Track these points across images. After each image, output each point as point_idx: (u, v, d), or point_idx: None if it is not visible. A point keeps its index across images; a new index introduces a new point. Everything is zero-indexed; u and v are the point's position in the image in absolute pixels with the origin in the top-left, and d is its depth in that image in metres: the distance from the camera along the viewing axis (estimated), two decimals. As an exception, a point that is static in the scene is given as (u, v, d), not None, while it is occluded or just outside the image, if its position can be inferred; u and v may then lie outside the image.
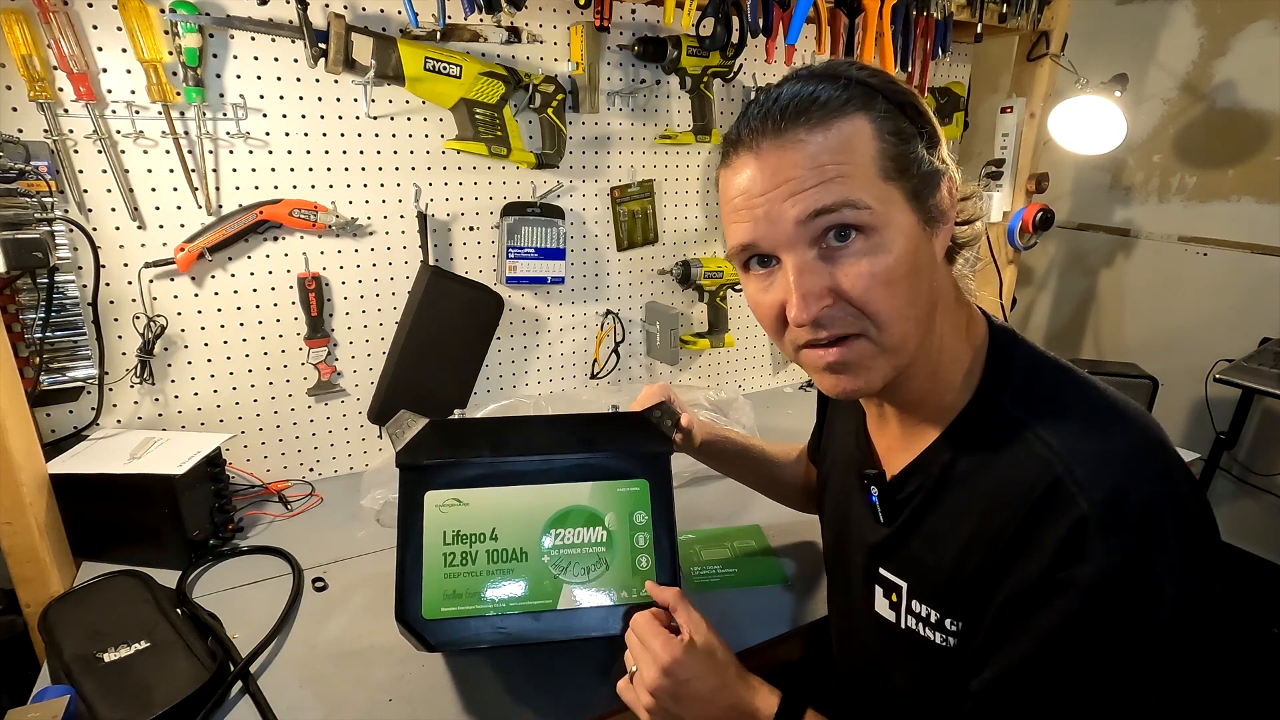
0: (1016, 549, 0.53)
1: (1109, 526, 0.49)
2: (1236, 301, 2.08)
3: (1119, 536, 0.49)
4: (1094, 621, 0.50)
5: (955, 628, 0.60)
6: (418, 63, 1.12)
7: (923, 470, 0.63)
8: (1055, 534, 0.51)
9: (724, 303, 1.58)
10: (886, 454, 0.70)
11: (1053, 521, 0.51)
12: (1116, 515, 0.49)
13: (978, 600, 0.57)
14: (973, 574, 0.57)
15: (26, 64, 0.94)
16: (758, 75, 1.53)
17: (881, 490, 0.67)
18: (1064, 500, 0.51)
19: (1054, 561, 0.51)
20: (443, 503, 0.75)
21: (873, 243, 0.54)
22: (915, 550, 0.64)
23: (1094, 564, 0.49)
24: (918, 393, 0.63)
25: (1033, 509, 0.53)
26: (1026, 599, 0.53)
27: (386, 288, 1.27)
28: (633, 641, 0.68)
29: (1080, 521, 0.50)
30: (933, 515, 0.62)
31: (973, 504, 0.58)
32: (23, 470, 0.89)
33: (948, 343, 0.61)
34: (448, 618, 0.73)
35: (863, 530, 0.71)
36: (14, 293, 0.98)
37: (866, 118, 0.54)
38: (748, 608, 0.95)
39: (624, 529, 0.78)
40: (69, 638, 0.80)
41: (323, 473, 1.30)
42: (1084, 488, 0.51)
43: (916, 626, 0.64)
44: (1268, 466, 2.06)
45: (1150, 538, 0.49)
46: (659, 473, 0.80)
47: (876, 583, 0.68)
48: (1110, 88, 1.64)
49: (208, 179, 1.09)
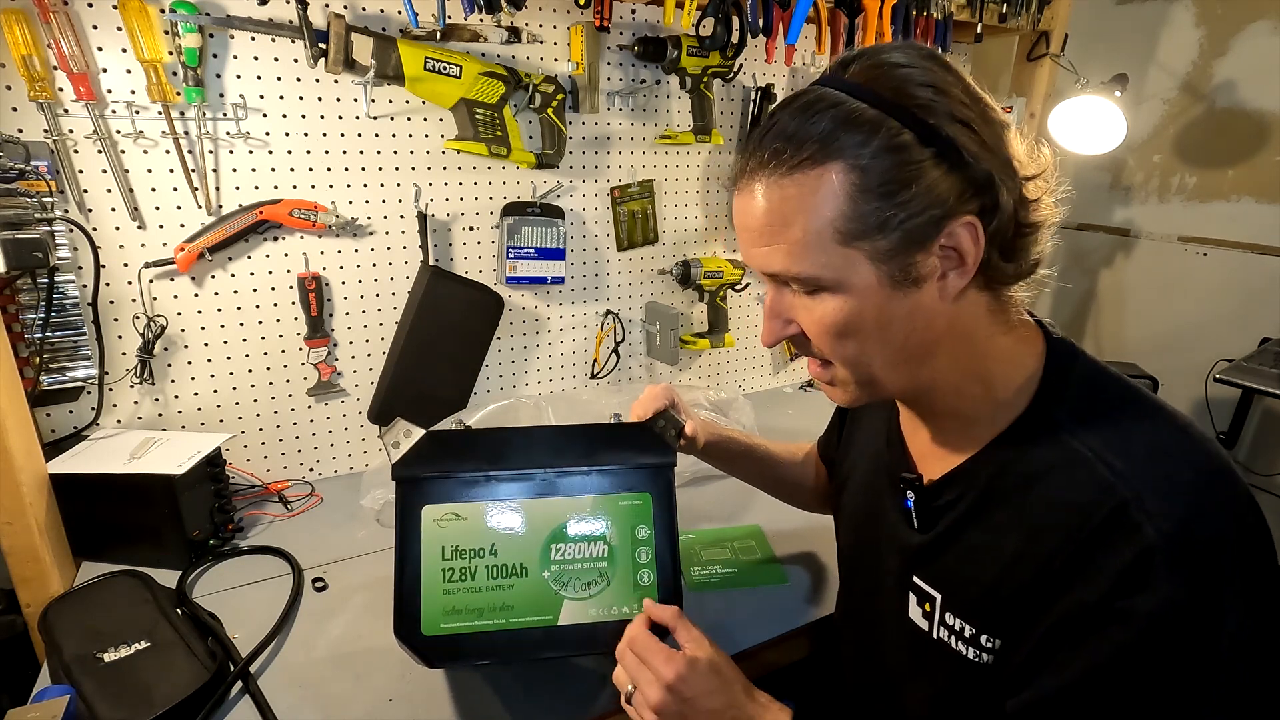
0: (1071, 572, 0.51)
1: (1175, 559, 0.47)
2: (1236, 301, 2.08)
3: (1184, 570, 0.47)
4: (1150, 654, 0.48)
5: (992, 645, 0.58)
6: (418, 63, 1.12)
7: (965, 480, 0.61)
8: (1118, 561, 0.49)
9: (724, 303, 1.58)
10: (922, 459, 0.67)
11: (1116, 548, 0.49)
12: (1184, 548, 0.48)
13: (1020, 619, 0.55)
14: (1017, 592, 0.55)
15: (26, 64, 0.94)
16: (758, 75, 1.53)
17: (918, 495, 0.64)
18: (1129, 527, 0.49)
19: (1114, 589, 0.49)
20: (440, 517, 0.74)
21: (823, 296, 0.55)
22: (952, 561, 0.62)
23: (1156, 596, 0.47)
24: (947, 407, 0.62)
25: (1094, 533, 0.50)
26: (1079, 624, 0.51)
27: (386, 288, 1.27)
28: (628, 659, 0.66)
29: (1147, 551, 0.48)
30: (975, 527, 0.60)
31: (1021, 520, 0.56)
32: (23, 470, 0.89)
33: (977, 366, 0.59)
34: (447, 634, 0.71)
35: (895, 535, 0.68)
36: (14, 293, 0.98)
37: (840, 167, 0.51)
38: (748, 608, 0.95)
39: (625, 543, 0.76)
40: (69, 638, 0.80)
41: (323, 473, 1.30)
42: (1151, 516, 0.48)
43: (948, 639, 0.62)
44: (1268, 466, 2.05)
45: (1215, 572, 0.48)
46: (662, 486, 0.79)
47: (910, 589, 0.66)
48: (1110, 88, 1.64)
49: (208, 179, 1.09)
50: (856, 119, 0.51)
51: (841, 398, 0.62)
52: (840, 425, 0.91)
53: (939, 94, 0.51)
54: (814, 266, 0.53)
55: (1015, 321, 0.60)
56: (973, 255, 0.53)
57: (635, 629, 0.69)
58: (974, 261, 0.53)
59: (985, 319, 0.58)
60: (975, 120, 0.52)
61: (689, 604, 0.83)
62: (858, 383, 0.59)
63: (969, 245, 0.52)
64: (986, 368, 0.59)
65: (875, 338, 0.55)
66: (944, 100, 0.51)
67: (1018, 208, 0.54)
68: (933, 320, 0.56)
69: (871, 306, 0.54)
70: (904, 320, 0.55)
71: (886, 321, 0.55)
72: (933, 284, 0.54)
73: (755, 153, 0.54)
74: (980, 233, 0.52)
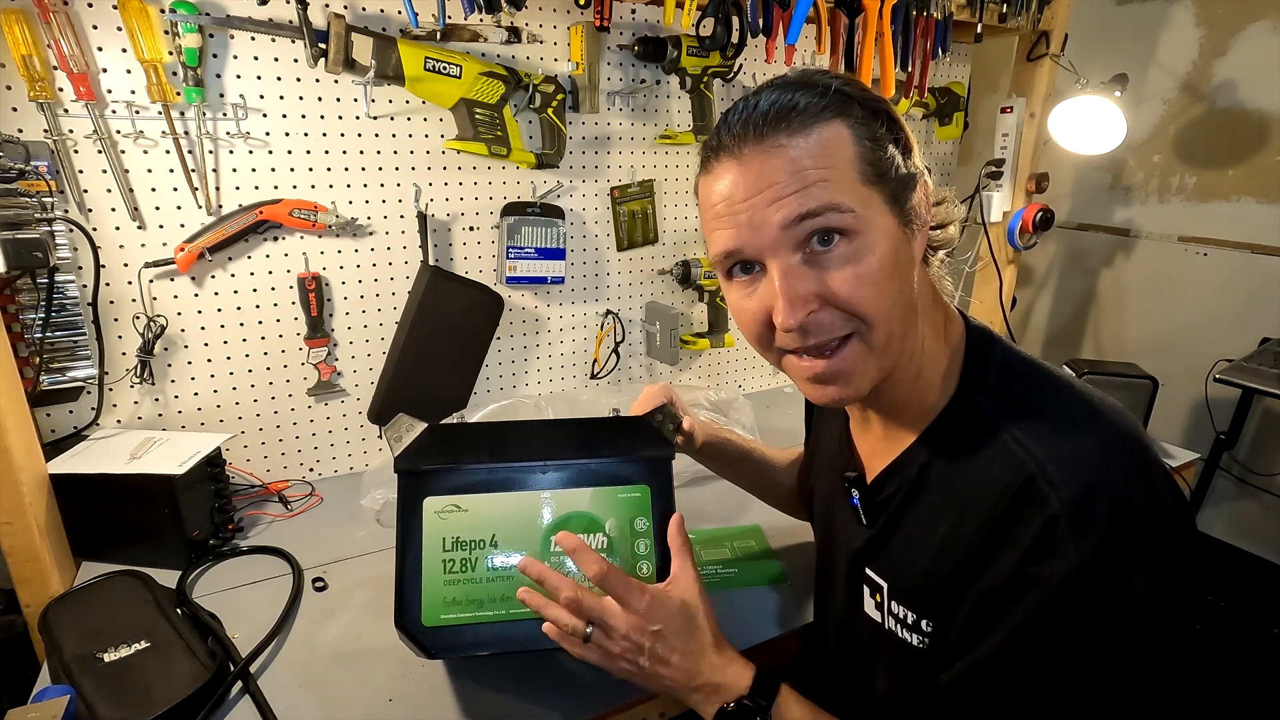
0: (990, 548, 0.54)
1: (1079, 525, 0.50)
2: (1236, 301, 2.08)
3: (1089, 535, 0.50)
4: (1061, 616, 0.51)
5: (929, 628, 0.61)
6: (418, 63, 1.12)
7: (901, 472, 0.64)
8: (1028, 532, 0.52)
9: (724, 303, 1.58)
10: (869, 457, 0.70)
11: (1025, 520, 0.52)
12: (1086, 513, 0.50)
13: (950, 601, 0.58)
14: (948, 575, 0.58)
15: (26, 64, 0.94)
16: (757, 75, 1.53)
17: (862, 492, 0.68)
18: (1036, 499, 0.52)
19: (1025, 558, 0.52)
20: (442, 509, 0.75)
21: (855, 245, 0.55)
22: (894, 551, 0.65)
23: (1064, 561, 0.50)
24: (901, 396, 0.63)
25: (1006, 508, 0.53)
26: (998, 595, 0.53)
27: (386, 288, 1.27)
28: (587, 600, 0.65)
29: (1052, 520, 0.51)
30: (910, 516, 0.63)
31: (948, 505, 0.59)
32: (23, 470, 0.89)
33: (928, 344, 0.62)
34: (448, 625, 0.72)
35: (847, 532, 0.72)
36: (14, 293, 0.98)
37: (844, 123, 0.55)
38: (748, 608, 0.95)
39: (625, 535, 0.77)
40: (69, 638, 0.80)
41: (323, 473, 1.30)
42: (1055, 486, 0.51)
43: (895, 628, 0.65)
44: (1268, 466, 2.06)
45: (1120, 536, 0.50)
46: (660, 478, 0.80)
47: (864, 583, 0.69)
48: (1110, 88, 1.63)
49: (208, 179, 1.09)
50: (839, 91, 0.56)
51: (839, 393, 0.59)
52: (809, 433, 0.93)
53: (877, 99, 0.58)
54: (852, 200, 0.54)
55: (941, 298, 0.64)
56: (927, 212, 0.59)
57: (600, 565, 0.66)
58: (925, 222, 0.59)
59: (929, 286, 0.63)
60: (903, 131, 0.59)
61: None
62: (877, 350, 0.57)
63: (925, 201, 0.59)
64: (925, 347, 0.62)
65: (898, 284, 0.56)
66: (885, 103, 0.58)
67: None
68: (915, 280, 0.59)
69: (895, 249, 0.56)
70: (909, 270, 0.58)
71: (904, 265, 0.57)
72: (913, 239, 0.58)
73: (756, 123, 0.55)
74: (929, 191, 0.59)
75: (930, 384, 0.62)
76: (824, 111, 0.55)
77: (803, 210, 0.54)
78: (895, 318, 0.57)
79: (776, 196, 0.54)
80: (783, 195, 0.54)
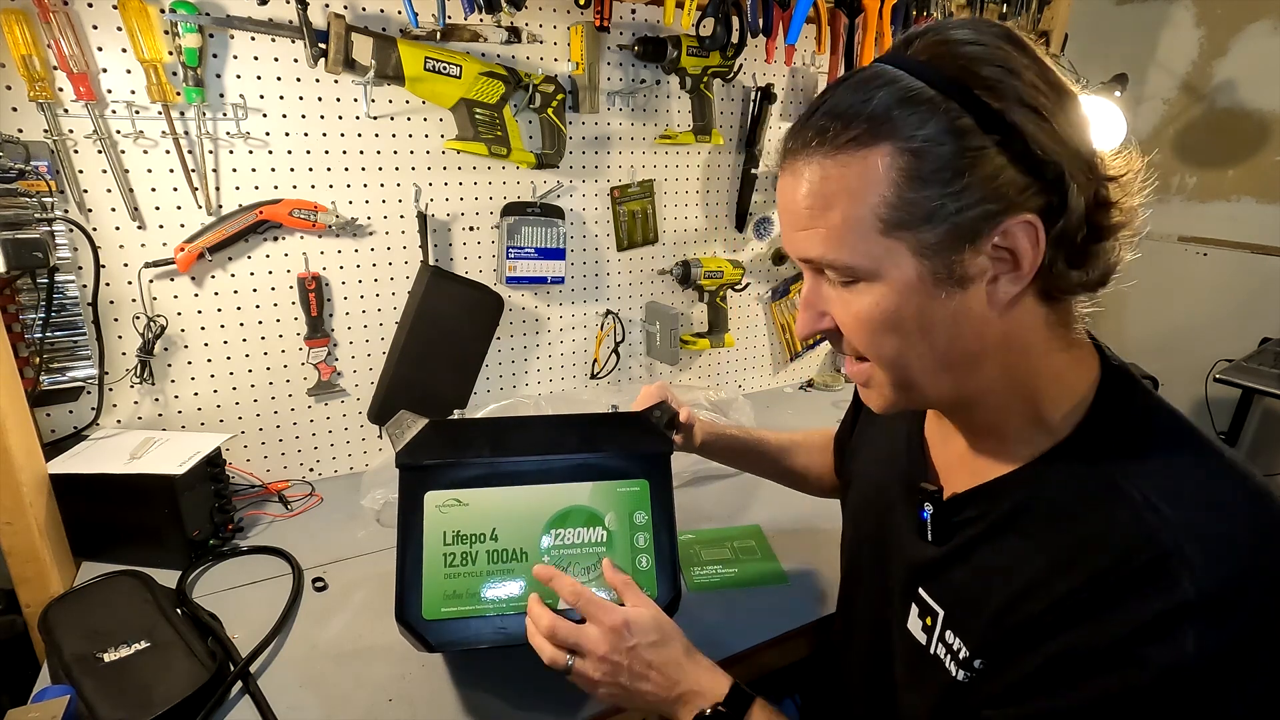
0: (1090, 611, 0.48)
1: (1211, 621, 0.44)
2: (1236, 301, 2.08)
3: (1217, 634, 0.44)
4: (1149, 706, 0.45)
5: (979, 666, 0.56)
6: (418, 63, 1.12)
7: (989, 499, 0.57)
8: (1146, 608, 0.45)
9: (724, 303, 1.58)
10: (946, 471, 0.65)
11: (1146, 595, 0.46)
12: (1224, 611, 0.44)
13: (1016, 647, 0.52)
14: (1023, 622, 0.52)
15: (26, 64, 0.94)
16: (758, 75, 1.53)
17: (936, 508, 0.61)
18: (1168, 579, 0.45)
19: (1135, 635, 0.46)
20: (443, 503, 0.75)
21: (860, 288, 0.52)
22: (960, 579, 0.59)
23: (1176, 652, 0.44)
24: (987, 421, 0.58)
25: (1127, 576, 0.47)
26: (1087, 659, 0.48)
27: (386, 288, 1.27)
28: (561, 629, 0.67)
29: (1181, 607, 0.44)
30: (989, 549, 0.57)
31: (1044, 550, 0.52)
32: (23, 470, 0.89)
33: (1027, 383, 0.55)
34: (448, 618, 0.73)
35: (904, 543, 0.66)
36: (14, 293, 0.98)
37: (888, 148, 0.47)
38: (748, 608, 0.95)
39: (624, 529, 0.78)
40: (69, 638, 0.80)
41: (323, 473, 1.30)
42: (1193, 570, 0.45)
43: (944, 657, 0.60)
44: (1268, 466, 2.05)
45: (1257, 636, 0.44)
46: (659, 473, 0.80)
47: (913, 601, 0.64)
48: (1110, 88, 1.64)
49: (208, 179, 1.09)
50: (913, 98, 0.47)
51: (877, 402, 0.58)
52: (854, 418, 0.89)
53: (1009, 74, 0.47)
54: (852, 255, 0.50)
55: (1074, 340, 0.55)
56: (1030, 259, 0.48)
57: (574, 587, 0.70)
58: (1031, 266, 0.48)
59: (1043, 332, 0.53)
60: (1048, 108, 0.47)
61: (689, 603, 0.84)
62: (894, 385, 0.55)
63: (1026, 247, 0.48)
64: (1037, 386, 0.54)
65: (916, 339, 0.52)
66: (1013, 82, 0.47)
67: (1091, 209, 0.49)
68: (982, 329, 0.51)
69: (911, 304, 0.50)
70: (948, 324, 0.51)
71: (929, 323, 0.51)
72: (981, 287, 0.49)
73: (803, 130, 0.51)
74: (1041, 234, 0.47)
75: (1038, 418, 0.55)
76: (866, 134, 0.48)
77: (804, 255, 0.54)
78: (907, 366, 0.53)
79: (793, 226, 0.54)
80: (796, 228, 0.53)
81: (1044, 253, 0.48)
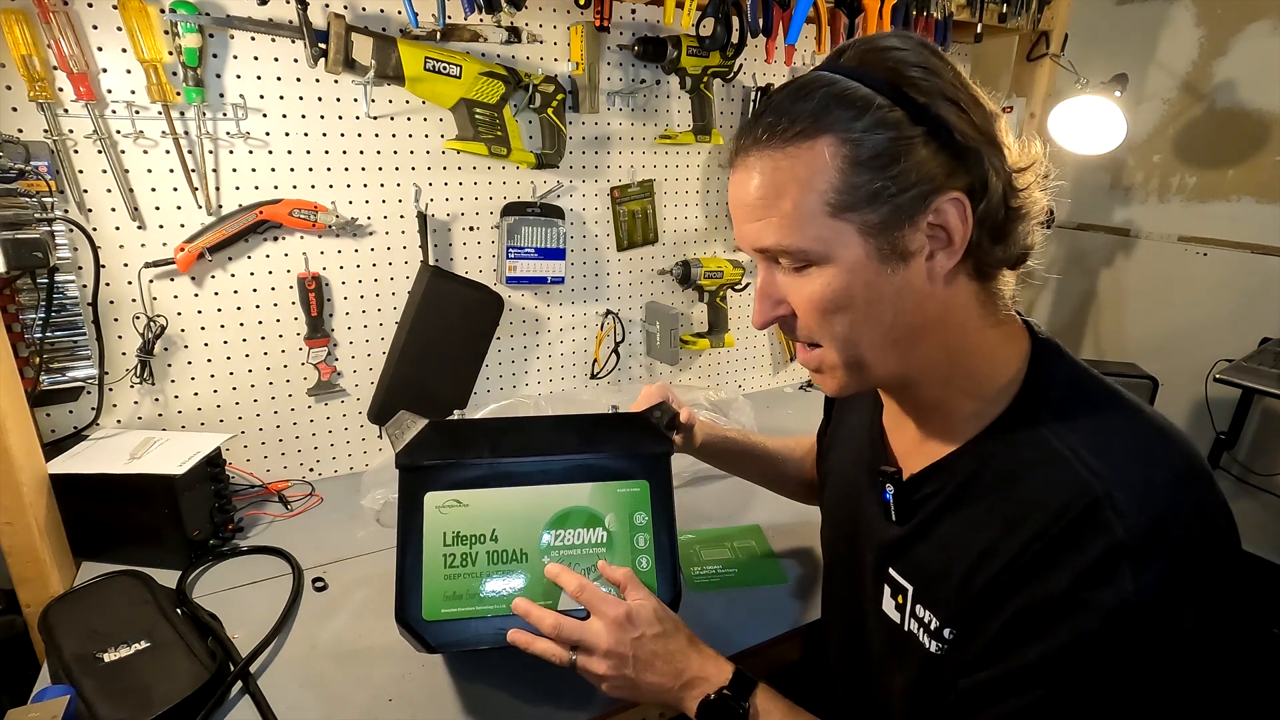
0: (1040, 566, 0.52)
1: (1142, 557, 0.48)
2: (1236, 301, 2.08)
3: (1150, 569, 0.48)
4: (1107, 645, 0.49)
5: (950, 636, 0.59)
6: (418, 63, 1.12)
7: (943, 474, 0.62)
8: (1086, 556, 0.50)
9: (724, 303, 1.58)
10: (904, 454, 0.68)
11: (1084, 543, 0.50)
12: (1152, 547, 0.49)
13: (981, 612, 0.56)
14: (984, 586, 0.56)
15: (26, 64, 0.94)
16: (758, 75, 1.53)
17: (897, 489, 0.66)
18: (1101, 524, 0.50)
19: (1079, 581, 0.50)
20: (443, 503, 0.75)
21: (812, 272, 0.56)
22: (924, 554, 0.63)
23: (1120, 591, 0.48)
24: (934, 398, 0.62)
25: (1065, 528, 0.51)
26: (1042, 612, 0.52)
27: (386, 288, 1.27)
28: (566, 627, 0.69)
29: (1115, 548, 0.49)
30: (949, 521, 0.61)
31: (995, 516, 0.56)
32: (23, 470, 0.89)
33: (965, 358, 0.59)
34: (448, 619, 0.73)
35: (873, 527, 0.70)
36: (14, 293, 0.98)
37: (830, 139, 0.52)
38: (748, 608, 0.95)
39: (624, 530, 0.78)
40: (69, 638, 0.80)
41: (323, 473, 1.30)
42: (1122, 514, 0.49)
43: (917, 631, 0.63)
44: (1268, 466, 2.06)
45: (1181, 575, 0.49)
46: (659, 473, 0.80)
47: (885, 582, 0.67)
48: (1110, 88, 1.64)
49: (208, 179, 1.09)
50: (849, 96, 0.52)
51: (830, 385, 0.62)
52: (828, 420, 0.92)
53: (930, 74, 0.53)
54: (804, 239, 0.54)
55: (1003, 316, 0.60)
56: (960, 234, 0.53)
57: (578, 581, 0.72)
58: (961, 241, 0.54)
59: (975, 309, 0.58)
60: (966, 101, 0.53)
61: (689, 603, 0.84)
62: (846, 366, 0.59)
63: (956, 223, 0.53)
64: (974, 361, 0.59)
65: (864, 315, 0.56)
66: (935, 80, 0.53)
67: (1007, 192, 0.54)
68: (923, 303, 0.56)
69: (860, 281, 0.54)
70: (893, 298, 0.55)
71: (876, 298, 0.55)
72: (921, 262, 0.54)
73: (753, 129, 0.55)
74: (968, 211, 0.53)
75: (978, 392, 0.60)
76: (809, 128, 0.52)
77: (756, 244, 0.57)
78: (859, 344, 0.57)
79: (745, 218, 0.58)
80: (748, 220, 0.57)
81: (971, 229, 0.53)
